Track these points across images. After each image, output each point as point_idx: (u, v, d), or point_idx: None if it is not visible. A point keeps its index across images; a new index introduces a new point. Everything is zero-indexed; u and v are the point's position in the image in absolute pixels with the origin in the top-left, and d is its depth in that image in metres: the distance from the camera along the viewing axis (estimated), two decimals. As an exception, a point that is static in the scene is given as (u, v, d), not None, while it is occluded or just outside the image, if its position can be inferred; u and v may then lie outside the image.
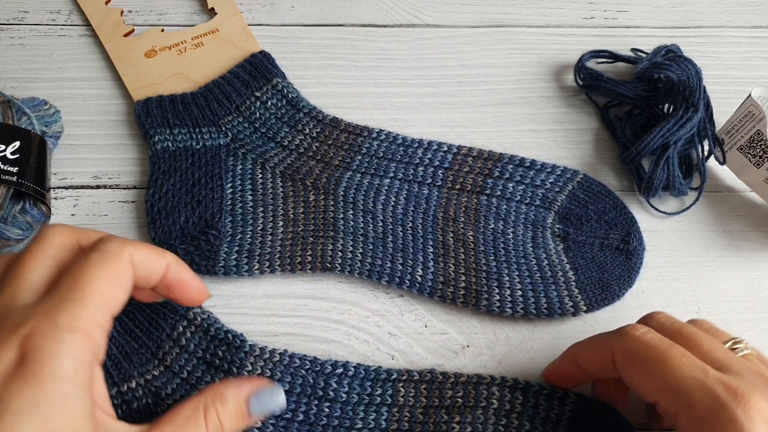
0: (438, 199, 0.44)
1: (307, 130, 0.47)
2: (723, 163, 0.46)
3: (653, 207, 0.45)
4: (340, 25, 0.54)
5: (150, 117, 0.46)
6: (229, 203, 0.44)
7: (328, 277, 0.43)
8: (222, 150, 0.46)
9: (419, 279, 0.41)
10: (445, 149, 0.46)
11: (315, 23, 0.54)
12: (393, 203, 0.44)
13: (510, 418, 0.35)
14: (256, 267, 0.42)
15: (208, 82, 0.48)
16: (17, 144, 0.41)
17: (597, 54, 0.51)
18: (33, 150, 0.42)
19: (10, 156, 0.40)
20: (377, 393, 0.37)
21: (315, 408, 0.36)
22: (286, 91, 0.48)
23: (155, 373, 0.36)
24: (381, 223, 0.43)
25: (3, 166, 0.40)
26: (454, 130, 0.49)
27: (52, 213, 0.43)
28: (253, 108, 0.47)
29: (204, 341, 0.37)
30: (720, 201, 0.47)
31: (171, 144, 0.46)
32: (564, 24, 0.55)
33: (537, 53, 0.53)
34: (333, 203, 0.44)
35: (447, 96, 0.50)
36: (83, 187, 0.46)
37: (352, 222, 0.43)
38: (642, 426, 0.37)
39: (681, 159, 0.46)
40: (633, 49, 0.51)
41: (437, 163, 0.45)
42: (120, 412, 0.35)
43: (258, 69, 0.49)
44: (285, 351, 0.38)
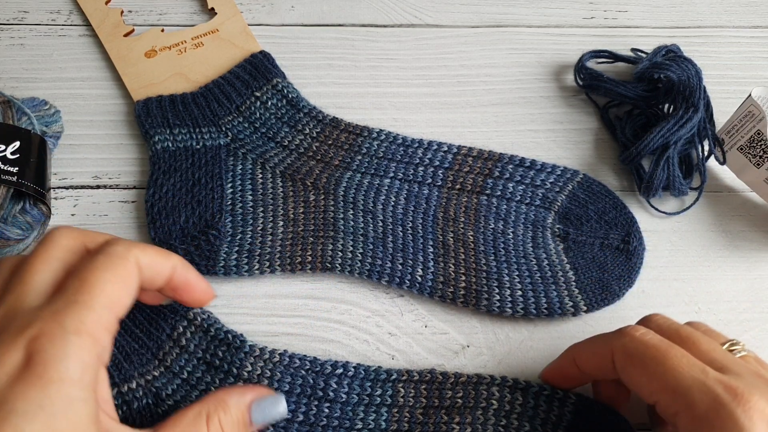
0: (438, 199, 0.44)
1: (307, 130, 0.47)
2: (723, 163, 0.46)
3: (653, 207, 0.45)
4: (340, 25, 0.54)
5: (150, 117, 0.46)
6: (229, 203, 0.44)
7: (328, 277, 0.43)
8: (222, 150, 0.46)
9: (419, 279, 0.41)
10: (445, 149, 0.46)
11: (315, 23, 0.54)
12: (393, 203, 0.44)
13: (510, 418, 0.35)
14: (256, 267, 0.42)
15: (208, 82, 0.48)
16: (17, 144, 0.41)
17: (597, 54, 0.51)
18: (33, 150, 0.42)
19: (10, 156, 0.40)
20: (377, 393, 0.37)
21: (315, 408, 0.36)
22: (286, 91, 0.48)
23: (155, 374, 0.36)
24: (381, 223, 0.43)
25: (3, 166, 0.40)
26: (454, 130, 0.49)
27: (52, 213, 0.43)
28: (253, 108, 0.47)
29: (204, 341, 0.37)
30: (720, 201, 0.47)
31: (171, 144, 0.46)
32: (564, 24, 0.55)
33: (537, 53, 0.53)
34: (333, 203, 0.44)
35: (447, 96, 0.50)
36: (83, 187, 0.46)
37: (352, 222, 0.43)
38: (642, 426, 0.37)
39: (681, 159, 0.46)
40: (633, 49, 0.51)
41: (437, 163, 0.45)
42: (120, 412, 0.35)
43: (258, 69, 0.49)
44: (285, 351, 0.38)
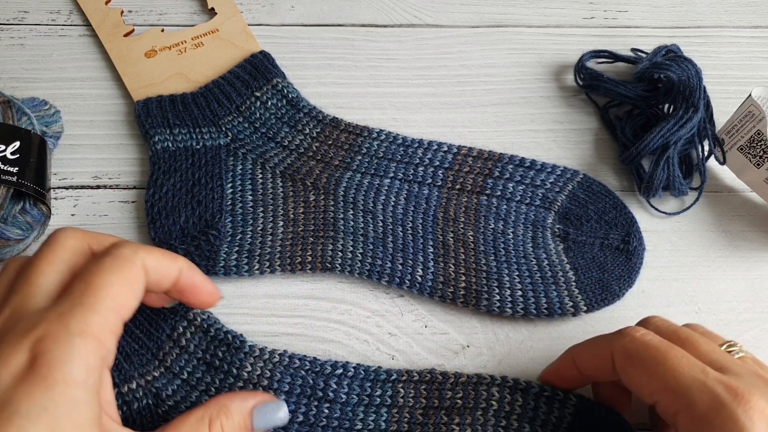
0: (438, 199, 0.44)
1: (307, 130, 0.47)
2: (723, 163, 0.46)
3: (653, 207, 0.45)
4: (340, 25, 0.54)
5: (150, 117, 0.46)
6: (229, 203, 0.44)
7: (328, 277, 0.43)
8: (222, 150, 0.46)
9: (419, 279, 0.41)
10: (445, 149, 0.46)
11: (315, 23, 0.54)
12: (393, 203, 0.44)
13: (510, 419, 0.35)
14: (256, 267, 0.42)
15: (208, 82, 0.48)
16: (17, 144, 0.41)
17: (597, 54, 0.51)
18: (33, 150, 0.42)
19: (10, 156, 0.40)
20: (377, 394, 0.37)
21: (315, 409, 0.36)
22: (286, 91, 0.48)
23: (156, 374, 0.36)
24: (381, 223, 0.43)
25: (3, 166, 0.40)
26: (454, 130, 0.49)
27: (52, 213, 0.43)
28: (253, 108, 0.47)
29: (204, 342, 0.37)
30: (720, 201, 0.47)
31: (171, 144, 0.46)
32: (564, 24, 0.55)
33: (537, 53, 0.53)
34: (333, 203, 0.44)
35: (447, 96, 0.50)
36: (83, 187, 0.46)
37: (352, 222, 0.43)
38: (642, 426, 0.37)
39: (681, 159, 0.46)
40: (633, 49, 0.51)
41: (437, 163, 0.45)
42: (120, 413, 0.35)
43: (258, 69, 0.49)
44: (285, 351, 0.38)
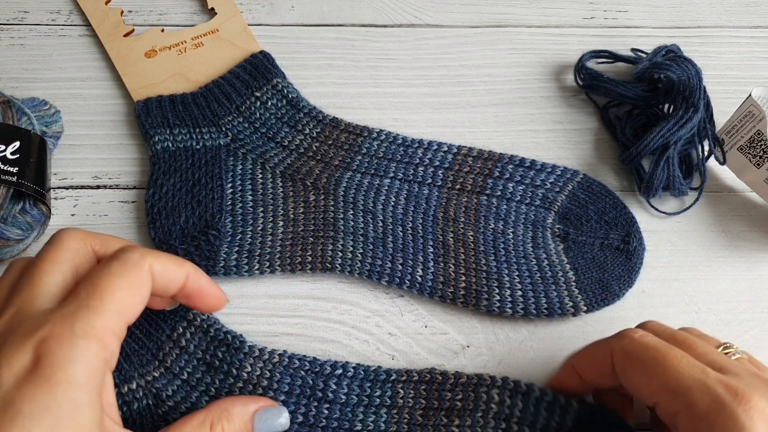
0: (438, 199, 0.44)
1: (307, 130, 0.47)
2: (723, 163, 0.46)
3: (653, 207, 0.45)
4: (340, 25, 0.54)
5: (150, 117, 0.46)
6: (229, 203, 0.44)
7: (328, 277, 0.43)
8: (222, 150, 0.46)
9: (419, 279, 0.41)
10: (445, 149, 0.46)
11: (315, 23, 0.54)
12: (393, 203, 0.44)
13: (510, 422, 0.35)
14: (256, 267, 0.42)
15: (208, 82, 0.48)
16: (17, 144, 0.41)
17: (597, 54, 0.51)
18: (33, 150, 0.42)
19: (10, 156, 0.40)
20: (376, 394, 0.37)
21: (314, 409, 0.36)
22: (286, 91, 0.48)
23: (156, 375, 0.36)
24: (381, 223, 0.43)
25: (3, 166, 0.40)
26: (454, 130, 0.49)
27: (52, 213, 0.43)
28: (253, 108, 0.47)
29: (204, 342, 0.37)
30: (720, 201, 0.47)
31: (171, 144, 0.46)
32: (564, 24, 0.55)
33: (537, 53, 0.53)
34: (333, 203, 0.44)
35: (447, 96, 0.50)
36: (83, 187, 0.46)
37: (352, 222, 0.43)
38: (642, 426, 0.37)
39: (681, 159, 0.46)
40: (633, 49, 0.51)
41: (437, 163, 0.45)
42: (121, 413, 0.35)
43: (258, 69, 0.49)
44: (284, 352, 0.38)
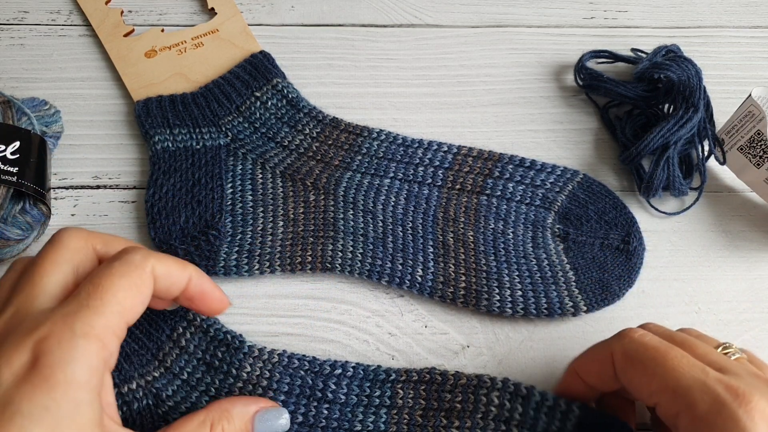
0: (438, 199, 0.44)
1: (307, 130, 0.47)
2: (723, 163, 0.46)
3: (653, 207, 0.45)
4: (340, 25, 0.54)
5: (150, 117, 0.46)
6: (229, 203, 0.44)
7: (328, 277, 0.43)
8: (222, 150, 0.46)
9: (419, 279, 0.41)
10: (445, 149, 0.46)
11: (315, 23, 0.54)
12: (393, 203, 0.44)
13: (510, 425, 0.34)
14: (256, 267, 0.42)
15: (208, 82, 0.48)
16: (17, 144, 0.41)
17: (597, 54, 0.51)
18: (33, 150, 0.42)
19: (10, 156, 0.40)
20: (376, 394, 0.36)
21: (314, 410, 0.36)
22: (286, 91, 0.48)
23: (155, 375, 0.36)
24: (381, 223, 0.43)
25: (3, 166, 0.40)
26: (454, 130, 0.49)
27: (52, 213, 0.43)
28: (253, 108, 0.47)
29: (204, 342, 0.37)
30: (720, 201, 0.46)
31: (171, 144, 0.46)
32: (564, 24, 0.55)
33: (537, 53, 0.53)
34: (333, 203, 0.44)
35: (447, 96, 0.50)
36: (83, 187, 0.46)
37: (352, 222, 0.43)
38: (642, 426, 0.37)
39: (681, 159, 0.46)
40: (633, 49, 0.51)
41: (437, 163, 0.45)
42: (120, 413, 0.35)
43: (258, 69, 0.49)
44: (284, 351, 0.38)
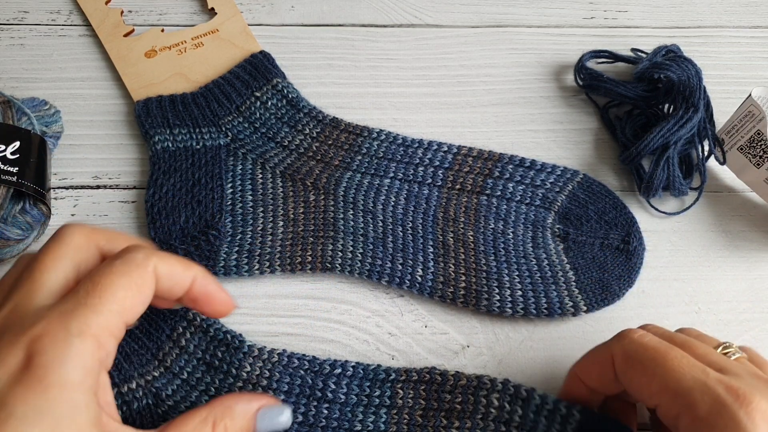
0: (438, 199, 0.44)
1: (307, 130, 0.47)
2: (723, 163, 0.45)
3: (653, 207, 0.45)
4: (340, 25, 0.54)
5: (150, 117, 0.46)
6: (229, 203, 0.44)
7: (328, 277, 0.43)
8: (222, 150, 0.46)
9: (419, 279, 0.41)
10: (445, 149, 0.46)
11: (315, 23, 0.54)
12: (393, 203, 0.44)
13: (510, 426, 0.34)
14: (256, 267, 0.42)
15: (208, 82, 0.48)
16: (17, 144, 0.41)
17: (597, 54, 0.51)
18: (33, 150, 0.42)
19: (10, 156, 0.40)
20: (376, 394, 0.36)
21: (314, 409, 0.36)
22: (286, 91, 0.48)
23: (155, 374, 0.36)
24: (381, 223, 0.43)
25: (3, 166, 0.40)
26: (454, 130, 0.49)
27: (52, 213, 0.43)
28: (253, 108, 0.47)
29: (204, 342, 0.37)
30: (720, 201, 0.46)
31: (171, 144, 0.46)
32: (564, 24, 0.55)
33: (537, 53, 0.53)
34: (333, 203, 0.44)
35: (447, 96, 0.50)
36: (83, 187, 0.46)
37: (352, 222, 0.43)
38: (643, 426, 0.37)
39: (681, 159, 0.46)
40: (633, 49, 0.51)
41: (437, 163, 0.45)
42: (120, 413, 0.35)
43: (258, 69, 0.49)
44: (284, 351, 0.38)
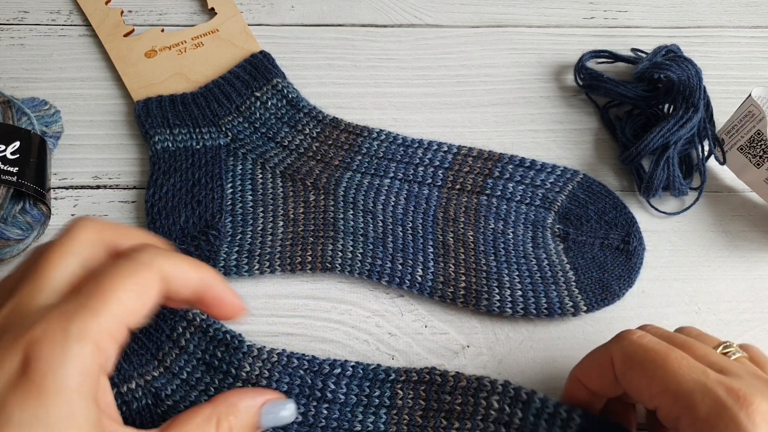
0: (438, 199, 0.44)
1: (307, 130, 0.47)
2: (723, 163, 0.45)
3: (653, 207, 0.45)
4: (340, 25, 0.54)
5: (150, 117, 0.46)
6: (229, 203, 0.44)
7: (328, 277, 0.43)
8: (222, 150, 0.46)
9: (419, 279, 0.41)
10: (445, 149, 0.46)
11: (315, 23, 0.54)
12: (393, 203, 0.44)
13: (510, 428, 0.34)
14: (256, 267, 0.42)
15: (208, 82, 0.48)
16: (17, 144, 0.41)
17: (597, 54, 0.51)
18: (33, 150, 0.42)
19: (10, 156, 0.40)
20: (375, 394, 0.36)
21: (314, 409, 0.36)
22: (286, 91, 0.48)
23: (155, 374, 0.36)
24: (381, 223, 0.43)
25: (3, 166, 0.40)
26: (454, 130, 0.49)
27: (52, 213, 0.43)
28: (253, 108, 0.47)
29: (203, 342, 0.37)
30: (720, 201, 0.46)
31: (171, 144, 0.46)
32: (564, 24, 0.55)
33: (537, 53, 0.53)
34: (333, 203, 0.44)
35: (447, 96, 0.50)
36: (83, 187, 0.46)
37: (352, 222, 0.43)
38: (643, 426, 0.37)
39: (681, 159, 0.46)
40: (633, 49, 0.51)
41: (437, 163, 0.45)
42: (120, 413, 0.34)
43: (258, 69, 0.49)
44: (283, 351, 0.37)
